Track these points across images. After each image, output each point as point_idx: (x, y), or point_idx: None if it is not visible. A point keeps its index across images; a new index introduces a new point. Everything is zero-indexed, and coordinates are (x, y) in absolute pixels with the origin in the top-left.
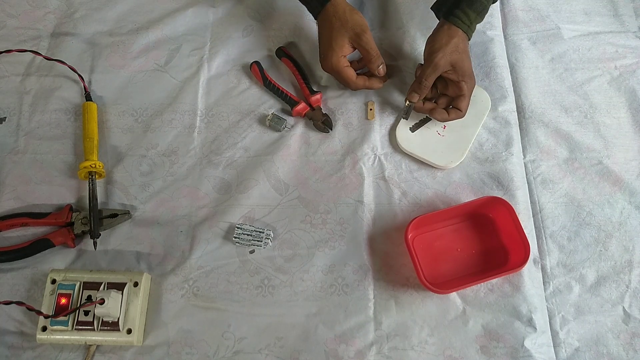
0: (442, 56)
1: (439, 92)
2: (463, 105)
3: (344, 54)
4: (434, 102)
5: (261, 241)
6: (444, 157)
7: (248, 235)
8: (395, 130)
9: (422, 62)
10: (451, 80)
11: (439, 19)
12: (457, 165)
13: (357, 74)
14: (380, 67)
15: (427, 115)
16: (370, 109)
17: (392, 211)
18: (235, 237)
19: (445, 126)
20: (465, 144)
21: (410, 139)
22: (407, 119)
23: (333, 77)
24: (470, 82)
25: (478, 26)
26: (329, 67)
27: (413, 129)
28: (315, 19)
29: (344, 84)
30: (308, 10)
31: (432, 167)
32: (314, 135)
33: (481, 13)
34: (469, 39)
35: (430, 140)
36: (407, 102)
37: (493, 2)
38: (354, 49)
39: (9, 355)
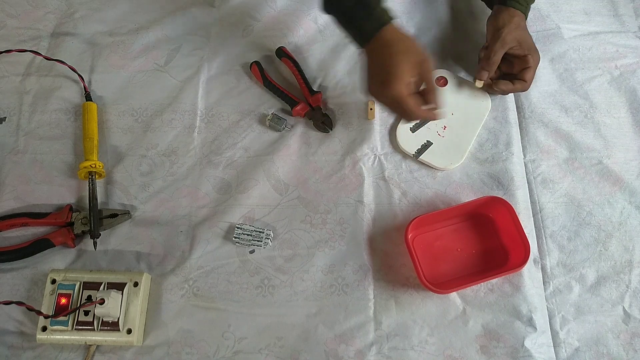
0: (508, 32)
1: (502, 72)
2: (529, 77)
3: (409, 80)
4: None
5: (261, 241)
6: (444, 158)
7: (248, 235)
8: (396, 130)
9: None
10: (517, 55)
11: (491, 8)
12: (456, 166)
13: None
14: (437, 99)
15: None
16: (371, 109)
17: (392, 211)
18: (235, 237)
19: (445, 127)
20: (465, 145)
21: (411, 140)
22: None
23: (386, 105)
24: (535, 55)
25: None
26: (390, 95)
27: (413, 129)
28: (362, 46)
29: (403, 115)
30: (354, 38)
31: (432, 168)
32: (314, 135)
33: None
34: (526, 18)
35: (431, 141)
36: (477, 81)
37: None
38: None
39: (9, 355)
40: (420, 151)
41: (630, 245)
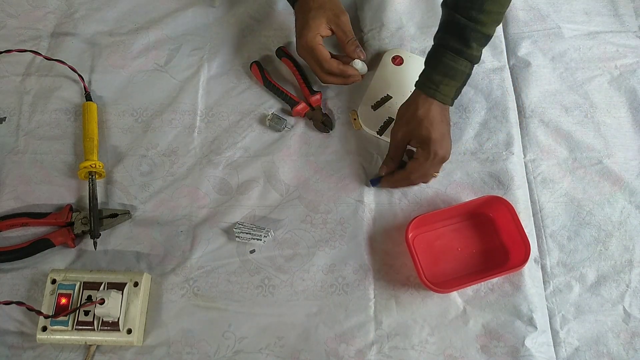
0: (397, 130)
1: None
2: (410, 167)
3: (321, 33)
4: None
5: (261, 235)
6: None
7: (247, 233)
8: (358, 110)
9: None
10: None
11: None
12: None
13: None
14: (358, 50)
15: (388, 94)
16: (355, 119)
17: (393, 211)
18: (235, 230)
19: None
20: None
21: (372, 118)
22: (375, 186)
23: (306, 60)
24: (426, 149)
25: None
26: (303, 45)
27: (375, 107)
28: (292, 6)
29: (316, 67)
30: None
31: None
32: (314, 135)
33: (450, 75)
34: (444, 102)
35: (392, 117)
36: (379, 174)
37: (471, 64)
38: (331, 32)
39: (9, 355)
40: (383, 128)
41: (631, 245)
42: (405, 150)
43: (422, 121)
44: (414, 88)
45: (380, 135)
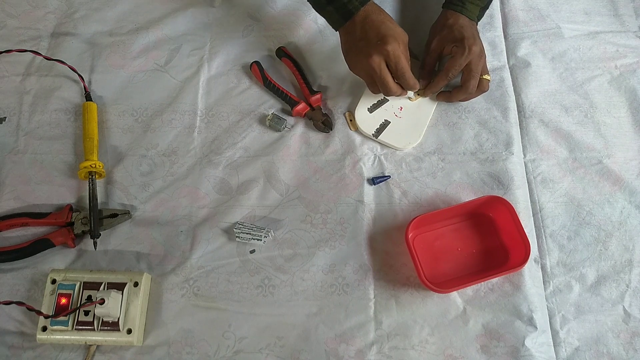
0: (430, 41)
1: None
2: (447, 64)
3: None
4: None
5: (261, 235)
6: (402, 138)
7: (247, 234)
8: (355, 111)
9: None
10: (452, 55)
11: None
12: (414, 146)
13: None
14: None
15: (385, 97)
16: (351, 120)
17: (393, 211)
18: (236, 230)
19: (401, 107)
20: (421, 125)
21: (369, 120)
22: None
23: (377, 70)
24: (461, 45)
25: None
26: (388, 52)
27: (371, 109)
28: (342, 24)
29: (389, 78)
30: (336, 16)
31: (392, 149)
32: (314, 135)
33: None
34: (470, 18)
35: (388, 120)
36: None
37: None
38: None
39: (9, 355)
40: (379, 131)
41: (630, 245)
42: (439, 58)
43: (453, 26)
44: (442, 9)
45: (377, 138)
